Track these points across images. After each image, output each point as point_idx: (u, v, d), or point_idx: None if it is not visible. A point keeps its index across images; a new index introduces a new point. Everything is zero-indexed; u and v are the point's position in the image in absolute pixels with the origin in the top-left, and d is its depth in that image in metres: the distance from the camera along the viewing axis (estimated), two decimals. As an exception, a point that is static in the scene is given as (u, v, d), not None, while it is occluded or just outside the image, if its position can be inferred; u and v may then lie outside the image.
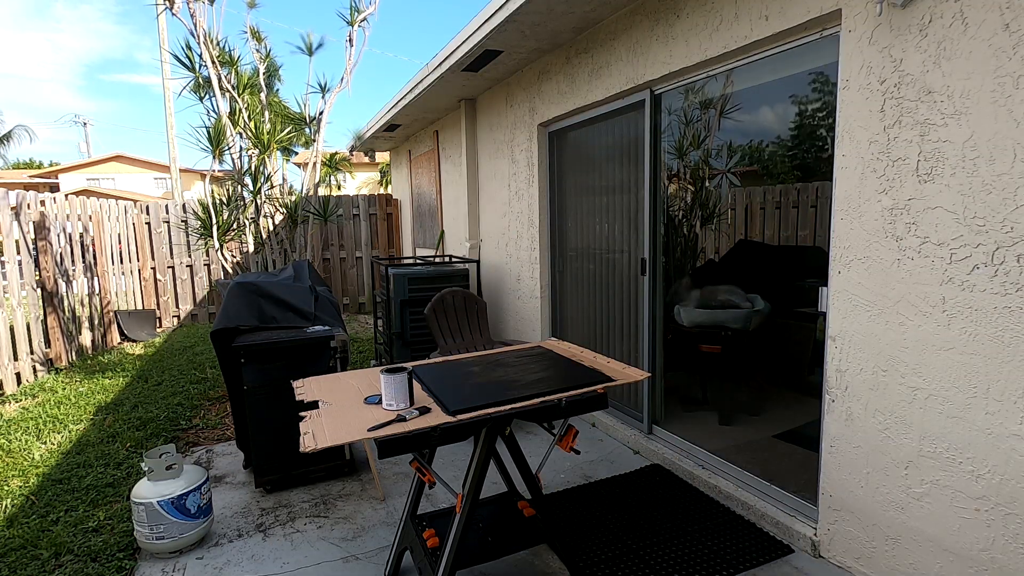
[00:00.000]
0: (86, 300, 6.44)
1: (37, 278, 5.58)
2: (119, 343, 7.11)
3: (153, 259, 8.00)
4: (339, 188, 20.56)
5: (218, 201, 4.85)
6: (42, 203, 5.77)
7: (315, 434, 1.65)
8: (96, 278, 6.78)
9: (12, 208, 5.27)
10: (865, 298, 2.16)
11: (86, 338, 6.33)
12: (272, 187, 5.09)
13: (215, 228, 4.76)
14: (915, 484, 2.04)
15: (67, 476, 3.32)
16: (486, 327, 4.45)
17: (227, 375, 3.27)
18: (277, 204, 5.11)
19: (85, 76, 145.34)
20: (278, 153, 5.37)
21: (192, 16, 4.57)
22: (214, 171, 4.85)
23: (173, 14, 4.61)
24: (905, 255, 2.01)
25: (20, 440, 3.87)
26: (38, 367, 5.43)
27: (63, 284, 5.94)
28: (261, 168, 4.87)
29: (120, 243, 7.48)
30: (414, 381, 1.98)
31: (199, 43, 4.63)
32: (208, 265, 8.37)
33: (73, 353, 6.00)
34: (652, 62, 3.17)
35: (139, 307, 7.79)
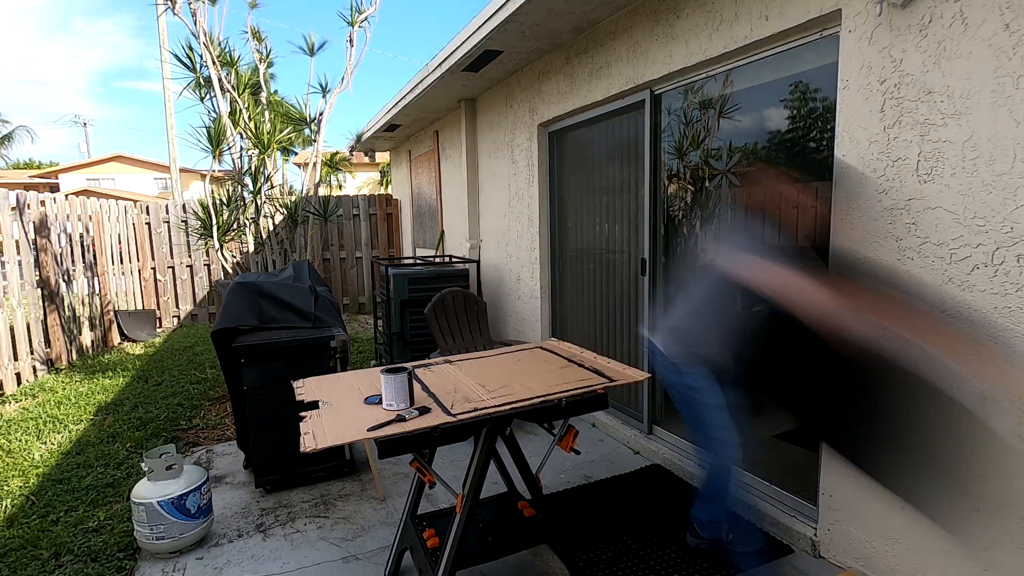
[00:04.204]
0: (86, 300, 6.44)
1: (37, 278, 5.58)
2: (119, 343, 7.11)
3: (153, 259, 8.00)
4: (339, 188, 20.57)
5: (218, 201, 4.85)
6: (42, 203, 5.77)
7: (315, 434, 1.64)
8: (96, 278, 6.78)
9: (12, 208, 5.27)
10: (865, 298, 2.15)
11: (86, 338, 6.33)
12: (272, 187, 5.09)
13: (215, 228, 4.76)
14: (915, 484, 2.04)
15: (67, 476, 3.32)
16: (486, 327, 4.45)
17: (227, 375, 3.27)
18: (277, 204, 5.11)
19: (100, 83, 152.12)
20: (278, 153, 5.36)
21: (193, 16, 4.57)
22: (214, 171, 4.85)
23: (175, 14, 4.61)
24: (905, 255, 2.01)
25: (20, 440, 3.87)
26: (38, 367, 5.43)
27: (63, 284, 5.94)
28: (261, 168, 4.87)
29: (120, 243, 7.48)
30: (414, 381, 1.98)
31: (200, 43, 4.63)
32: (208, 265, 8.37)
33: (73, 353, 6.00)
34: (652, 62, 3.17)
35: (139, 307, 7.79)
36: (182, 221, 7.95)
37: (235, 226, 4.91)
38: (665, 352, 2.30)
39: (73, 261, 6.27)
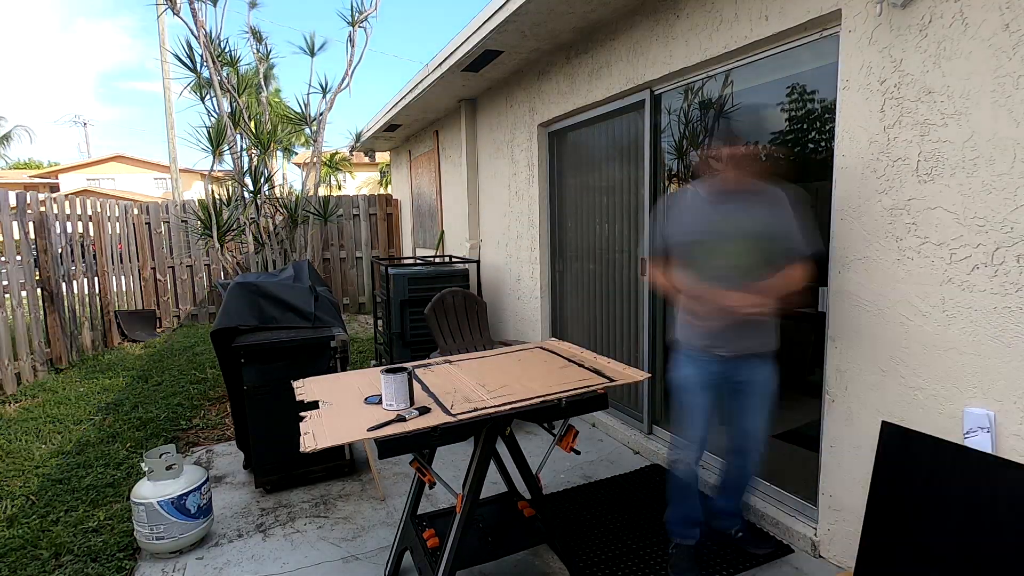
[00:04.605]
0: (86, 300, 6.44)
1: (37, 278, 5.58)
2: (119, 343, 7.11)
3: (153, 259, 8.00)
4: (339, 188, 20.58)
5: (218, 201, 4.85)
6: (42, 203, 5.76)
7: (315, 434, 1.64)
8: (96, 278, 6.78)
9: (12, 208, 5.27)
10: (865, 298, 2.16)
11: (86, 338, 6.33)
12: (272, 187, 5.09)
13: (215, 228, 4.76)
14: (915, 484, 2.04)
15: (67, 476, 3.32)
16: (486, 327, 4.45)
17: (227, 375, 3.27)
18: (277, 204, 5.11)
19: (102, 84, 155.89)
20: (278, 153, 5.37)
21: (194, 16, 4.57)
22: (214, 171, 4.85)
23: (175, 14, 4.61)
24: (905, 255, 2.01)
25: (20, 440, 3.87)
26: (38, 367, 5.43)
27: (63, 284, 5.94)
28: (261, 168, 4.87)
29: (120, 243, 7.48)
30: (414, 381, 1.98)
31: (200, 43, 4.63)
32: (208, 265, 8.37)
33: (73, 353, 6.00)
34: (652, 62, 3.17)
35: (139, 307, 7.79)
36: (182, 221, 7.95)
37: (235, 226, 4.91)
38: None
39: (73, 261, 6.26)
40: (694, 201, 2.20)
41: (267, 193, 4.99)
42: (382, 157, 15.59)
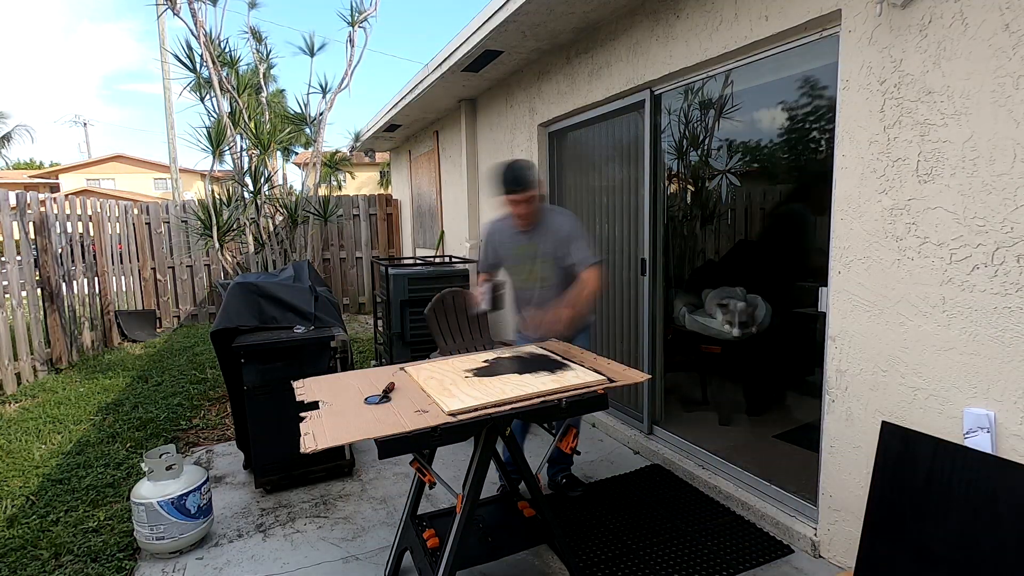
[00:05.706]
0: (86, 300, 6.44)
1: (37, 278, 5.58)
2: (119, 343, 7.11)
3: (153, 259, 8.00)
4: (339, 188, 20.59)
5: (218, 201, 4.85)
6: (43, 203, 5.76)
7: (315, 435, 1.64)
8: (96, 278, 6.78)
9: (13, 208, 5.27)
10: (865, 298, 2.16)
11: (86, 338, 6.33)
12: (272, 187, 5.09)
13: (215, 228, 4.76)
14: (915, 484, 2.04)
15: (67, 476, 3.32)
16: (486, 327, 4.45)
17: (227, 375, 3.27)
18: (277, 204, 5.11)
19: (105, 86, 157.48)
20: (278, 153, 5.38)
21: (193, 16, 4.57)
22: (214, 171, 4.85)
23: (175, 14, 4.61)
24: (905, 255, 2.01)
25: (20, 440, 3.87)
26: (38, 367, 5.43)
27: (63, 284, 5.94)
28: (261, 168, 4.88)
29: (120, 243, 7.48)
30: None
31: (200, 44, 4.63)
32: (208, 265, 8.37)
33: (73, 353, 6.00)
34: (652, 62, 3.17)
35: (139, 307, 7.79)
36: (182, 221, 7.95)
37: (235, 226, 4.91)
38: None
39: (73, 261, 6.26)
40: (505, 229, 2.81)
41: (267, 193, 4.99)
42: (382, 157, 15.59)
